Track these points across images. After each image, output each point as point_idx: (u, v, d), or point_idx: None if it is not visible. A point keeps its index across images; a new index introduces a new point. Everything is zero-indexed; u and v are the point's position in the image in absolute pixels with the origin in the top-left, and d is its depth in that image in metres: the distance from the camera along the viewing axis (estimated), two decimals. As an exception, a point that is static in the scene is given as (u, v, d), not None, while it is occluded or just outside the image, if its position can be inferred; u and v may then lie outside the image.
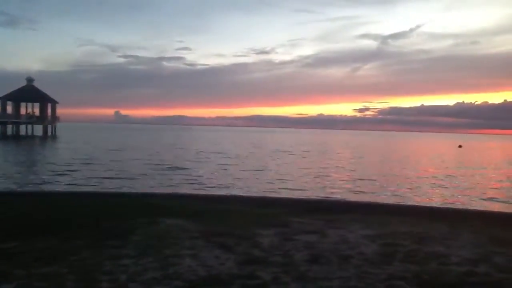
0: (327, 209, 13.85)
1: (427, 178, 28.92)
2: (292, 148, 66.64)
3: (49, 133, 78.80)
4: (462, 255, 8.12)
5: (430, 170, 35.25)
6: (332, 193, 20.67)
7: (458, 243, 9.18)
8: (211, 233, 9.22)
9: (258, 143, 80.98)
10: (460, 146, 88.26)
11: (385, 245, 8.72)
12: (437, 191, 22.66)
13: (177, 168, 30.10)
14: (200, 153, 46.20)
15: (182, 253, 7.68)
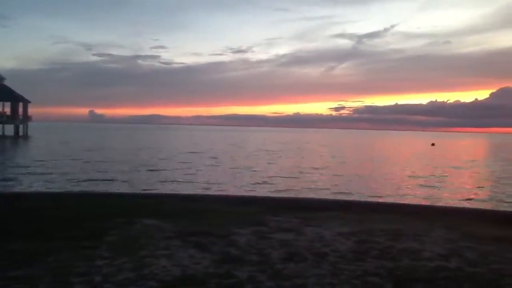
0: (303, 207, 13.93)
1: (401, 176, 29.38)
2: (268, 147, 66.79)
3: (21, 133, 77.03)
4: (434, 251, 8.29)
5: (404, 168, 35.82)
6: (308, 191, 20.79)
7: (431, 239, 9.36)
8: (186, 233, 9.18)
9: (235, 142, 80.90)
10: (433, 144, 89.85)
11: (360, 242, 8.82)
12: (411, 188, 23.04)
13: (153, 168, 29.82)
14: (176, 153, 45.87)
15: (157, 253, 7.61)
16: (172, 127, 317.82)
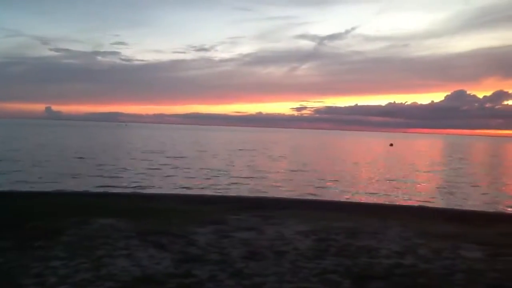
0: (264, 206, 13.99)
1: (359, 175, 29.99)
2: (230, 146, 66.69)
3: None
4: (391, 248, 8.51)
5: (363, 168, 36.60)
6: (269, 190, 20.91)
7: (388, 236, 9.61)
8: (146, 232, 9.05)
9: (196, 141, 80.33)
10: (391, 145, 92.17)
11: (319, 240, 8.96)
12: (369, 187, 23.55)
13: (110, 166, 29.21)
14: (135, 152, 45.11)
15: (116, 253, 7.48)
16: (132, 125, 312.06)
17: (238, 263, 7.14)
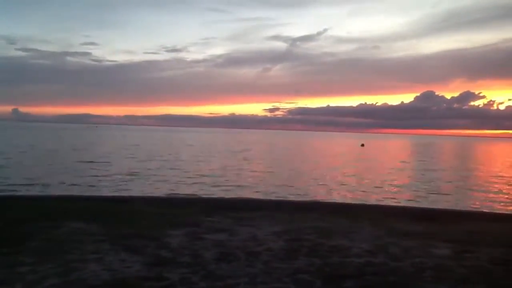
0: (236, 207, 13.96)
1: (331, 175, 30.28)
2: (202, 147, 66.38)
3: None
4: (362, 247, 8.63)
5: (334, 168, 36.97)
6: (241, 191, 20.90)
7: (359, 236, 9.73)
8: (116, 236, 8.91)
9: (167, 143, 79.64)
10: (362, 145, 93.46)
11: (292, 241, 9.01)
12: (340, 187, 23.79)
13: (80, 169, 28.66)
14: (105, 153, 44.38)
15: (86, 257, 7.33)
16: (103, 127, 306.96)
17: (210, 265, 7.11)
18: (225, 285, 6.22)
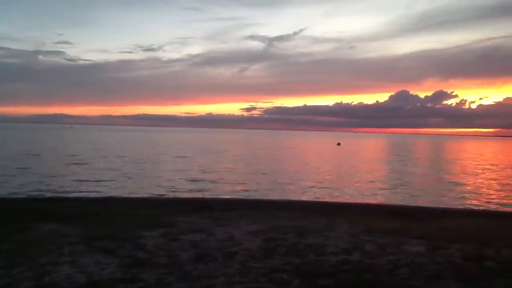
0: (213, 207, 13.93)
1: (308, 174, 30.47)
2: (179, 147, 65.99)
3: None
4: (338, 245, 8.72)
5: (311, 166, 37.22)
6: (218, 191, 20.86)
7: (335, 234, 9.83)
8: (92, 237, 8.79)
9: (142, 143, 78.88)
10: (338, 144, 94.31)
11: (269, 240, 9.04)
12: (316, 186, 23.96)
13: (55, 169, 28.16)
14: (80, 154, 43.69)
15: (60, 260, 7.22)
16: (78, 127, 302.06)
17: (187, 266, 7.08)
18: (202, 285, 6.20)
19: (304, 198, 19.33)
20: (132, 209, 13.26)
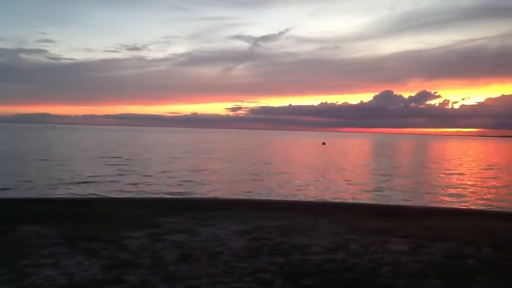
0: (198, 207, 13.87)
1: (292, 174, 30.54)
2: (164, 147, 65.62)
3: None
4: (322, 245, 8.75)
5: (295, 166, 37.32)
6: (202, 191, 20.78)
7: (319, 233, 9.86)
8: (74, 239, 8.68)
9: (126, 143, 78.27)
10: (323, 144, 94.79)
11: (253, 240, 9.03)
12: (301, 185, 24.03)
13: (36, 170, 27.77)
14: (62, 154, 43.16)
15: (41, 262, 7.11)
16: (62, 127, 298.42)
17: (171, 267, 7.03)
18: (186, 286, 6.16)
19: (288, 198, 19.36)
20: (115, 210, 13.13)
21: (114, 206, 14.01)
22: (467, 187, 25.58)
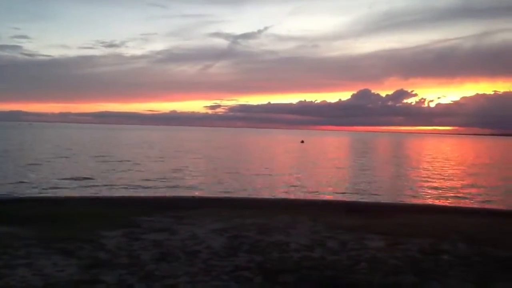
0: (176, 206, 13.80)
1: (271, 172, 30.61)
2: (141, 145, 64.99)
3: None
4: (300, 242, 8.80)
5: (274, 164, 37.43)
6: (181, 190, 20.67)
7: (297, 231, 9.92)
8: (50, 239, 8.53)
9: (104, 141, 77.28)
10: (302, 142, 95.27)
11: (232, 238, 9.03)
12: (280, 183, 24.11)
13: (10, 169, 27.16)
14: (38, 153, 42.35)
15: (15, 263, 6.96)
16: (37, 125, 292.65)
17: (149, 266, 6.97)
18: (164, 285, 6.12)
19: (266, 196, 19.39)
20: (92, 209, 12.97)
21: (90, 206, 13.83)
22: (441, 183, 26.01)
